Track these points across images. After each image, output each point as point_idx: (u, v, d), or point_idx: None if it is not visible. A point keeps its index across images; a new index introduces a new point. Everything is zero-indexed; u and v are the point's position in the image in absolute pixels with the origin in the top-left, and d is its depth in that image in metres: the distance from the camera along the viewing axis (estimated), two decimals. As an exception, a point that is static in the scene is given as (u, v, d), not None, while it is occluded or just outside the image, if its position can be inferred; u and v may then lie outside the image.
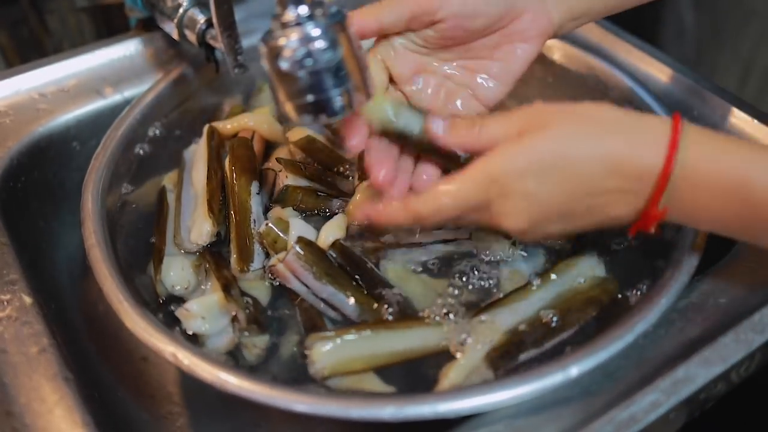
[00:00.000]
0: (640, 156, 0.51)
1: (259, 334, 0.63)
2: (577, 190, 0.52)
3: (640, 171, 0.51)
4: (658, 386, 0.54)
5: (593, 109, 0.53)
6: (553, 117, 0.53)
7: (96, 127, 0.81)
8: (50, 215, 0.79)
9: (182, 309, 0.60)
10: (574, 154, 0.52)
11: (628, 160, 0.51)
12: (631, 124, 0.53)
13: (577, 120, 0.53)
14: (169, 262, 0.67)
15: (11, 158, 0.76)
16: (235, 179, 0.71)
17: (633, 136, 0.52)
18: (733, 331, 0.58)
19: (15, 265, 0.65)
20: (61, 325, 0.63)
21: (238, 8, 0.88)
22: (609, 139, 0.52)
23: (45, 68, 0.84)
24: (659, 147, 0.51)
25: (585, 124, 0.53)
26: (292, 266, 0.62)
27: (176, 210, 0.71)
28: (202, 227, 0.67)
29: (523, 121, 0.54)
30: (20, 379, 0.56)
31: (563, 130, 0.52)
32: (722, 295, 0.61)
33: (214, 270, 0.65)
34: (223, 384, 0.53)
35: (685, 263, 0.61)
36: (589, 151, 0.52)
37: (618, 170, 0.51)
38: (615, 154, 0.51)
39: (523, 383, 0.54)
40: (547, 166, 0.52)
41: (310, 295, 0.63)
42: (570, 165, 0.52)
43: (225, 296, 0.61)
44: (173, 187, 0.76)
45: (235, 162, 0.72)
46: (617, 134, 0.52)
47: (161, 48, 0.89)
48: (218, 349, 0.62)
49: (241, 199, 0.69)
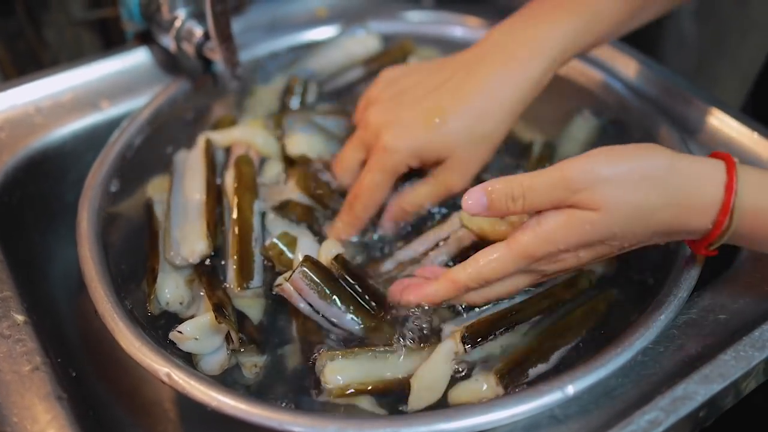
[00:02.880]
0: (688, 223, 0.54)
1: (256, 353, 0.62)
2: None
3: (690, 231, 0.55)
4: (657, 404, 0.54)
5: (644, 168, 0.53)
6: (602, 181, 0.53)
7: (92, 141, 0.81)
8: (45, 230, 0.78)
9: (175, 332, 0.60)
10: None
11: (677, 229, 0.54)
12: (682, 187, 0.53)
13: (628, 188, 0.53)
14: (163, 279, 0.66)
15: (6, 173, 0.75)
16: (239, 197, 0.70)
17: (683, 207, 0.53)
18: (733, 347, 0.57)
19: (8, 282, 0.65)
20: (56, 342, 0.62)
21: (236, 21, 0.88)
22: (658, 215, 0.53)
23: (41, 81, 0.83)
24: (710, 214, 0.53)
25: (635, 193, 0.53)
26: (298, 285, 0.62)
27: (166, 222, 0.70)
28: (195, 245, 0.67)
29: (570, 188, 0.53)
30: (12, 398, 0.56)
31: (615, 203, 0.53)
32: (722, 311, 0.61)
33: (206, 289, 0.64)
34: (219, 405, 0.53)
35: (685, 279, 0.60)
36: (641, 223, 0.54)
37: (668, 234, 0.55)
38: (665, 226, 0.54)
39: (521, 402, 0.53)
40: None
41: (315, 314, 0.62)
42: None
43: (216, 317, 0.60)
44: (160, 196, 0.75)
45: (239, 179, 0.72)
46: (667, 208, 0.53)
47: (158, 61, 0.89)
48: (213, 368, 0.61)
49: (243, 217, 0.69)
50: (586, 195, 0.53)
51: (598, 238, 0.54)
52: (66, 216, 0.74)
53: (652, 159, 0.53)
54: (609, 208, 0.53)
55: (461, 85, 0.68)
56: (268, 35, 0.94)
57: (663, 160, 0.53)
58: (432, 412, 0.56)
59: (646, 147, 0.54)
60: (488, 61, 0.68)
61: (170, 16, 0.81)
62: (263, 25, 0.96)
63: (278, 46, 0.93)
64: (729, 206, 0.52)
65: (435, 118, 0.67)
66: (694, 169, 0.53)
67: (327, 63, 0.92)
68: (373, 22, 0.96)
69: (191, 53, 0.82)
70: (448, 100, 0.67)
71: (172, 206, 0.72)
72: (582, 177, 0.53)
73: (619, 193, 0.52)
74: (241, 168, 0.73)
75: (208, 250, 0.67)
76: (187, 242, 0.68)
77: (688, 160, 0.54)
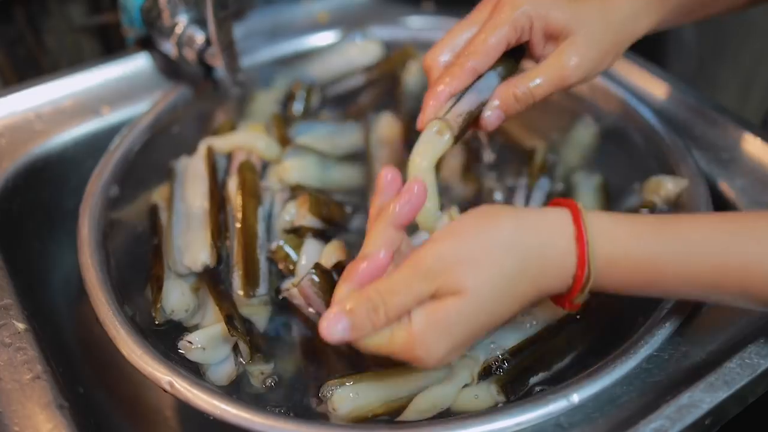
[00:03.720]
0: (550, 284, 0.53)
1: (263, 361, 0.62)
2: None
3: (554, 291, 0.53)
4: (662, 412, 0.53)
5: (493, 239, 0.51)
6: (457, 264, 0.50)
7: (93, 147, 0.81)
8: (46, 237, 0.78)
9: (185, 342, 0.60)
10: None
11: (542, 292, 0.53)
12: (534, 246, 0.51)
13: (484, 264, 0.50)
14: (169, 288, 0.66)
15: (6, 180, 0.75)
16: (243, 204, 0.70)
17: (541, 268, 0.52)
18: (738, 355, 0.57)
19: (9, 289, 0.64)
20: (56, 350, 0.62)
21: (237, 27, 0.88)
22: (520, 282, 0.51)
23: (41, 87, 0.83)
24: (567, 269, 0.52)
25: (491, 268, 0.50)
26: (305, 292, 0.62)
27: (168, 230, 0.70)
28: (198, 254, 0.67)
29: (427, 278, 0.49)
30: (13, 407, 0.55)
31: (475, 283, 0.50)
32: (727, 318, 0.61)
33: (214, 298, 0.64)
34: (222, 414, 0.53)
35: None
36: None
37: (535, 299, 0.53)
38: (530, 291, 0.52)
39: (526, 410, 0.53)
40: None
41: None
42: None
43: (228, 328, 0.60)
44: (164, 203, 0.74)
45: (243, 186, 0.71)
46: (526, 272, 0.51)
47: (159, 67, 0.88)
48: (221, 378, 0.61)
49: (248, 224, 0.69)
50: (443, 280, 0.49)
51: (468, 326, 0.51)
52: (66, 223, 0.74)
53: (497, 228, 0.51)
54: (471, 289, 0.49)
55: None
56: (269, 41, 0.94)
57: (508, 224, 0.51)
58: (436, 420, 0.56)
59: (488, 214, 0.52)
60: None
61: (171, 22, 0.81)
62: (264, 31, 0.96)
63: (279, 51, 0.93)
64: (584, 259, 0.51)
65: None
66: (542, 226, 0.52)
67: (327, 69, 0.92)
68: (374, 27, 0.96)
69: (192, 59, 0.82)
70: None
71: (173, 214, 0.71)
72: (434, 264, 0.49)
73: (476, 269, 0.50)
74: (244, 174, 0.73)
75: (211, 259, 0.67)
76: (190, 251, 0.67)
77: (533, 218, 0.52)
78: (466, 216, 0.52)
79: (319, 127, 0.82)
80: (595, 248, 0.51)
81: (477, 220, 0.52)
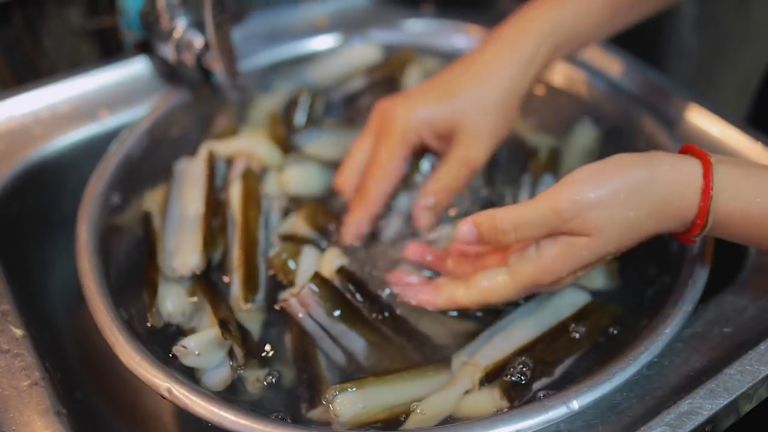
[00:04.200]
0: (670, 227, 0.56)
1: (258, 367, 0.62)
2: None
3: (672, 232, 0.57)
4: (663, 419, 0.53)
5: (628, 185, 0.55)
6: (591, 207, 0.54)
7: (91, 151, 0.80)
8: (44, 241, 0.78)
9: (179, 347, 0.59)
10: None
11: (661, 233, 0.57)
12: (665, 196, 0.55)
13: (616, 209, 0.55)
14: (164, 291, 0.65)
15: (4, 184, 0.75)
16: (245, 211, 0.70)
17: (667, 215, 0.55)
18: (738, 362, 0.57)
19: (6, 295, 0.64)
20: (54, 356, 0.62)
21: (236, 30, 0.88)
22: (645, 226, 0.56)
23: (39, 91, 0.83)
24: (689, 217, 0.55)
25: (622, 212, 0.55)
26: (306, 301, 0.62)
27: (161, 232, 0.70)
28: (188, 258, 0.66)
29: (561, 218, 0.55)
30: (11, 414, 0.55)
31: (606, 225, 0.55)
32: (727, 324, 0.61)
33: (210, 303, 0.64)
34: (220, 421, 0.53)
35: (689, 292, 0.60)
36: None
37: (652, 237, 0.57)
38: (650, 232, 0.57)
39: (526, 417, 0.53)
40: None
41: (319, 331, 0.62)
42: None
43: (222, 332, 0.60)
44: (157, 208, 0.74)
45: (247, 194, 0.71)
46: (652, 217, 0.55)
47: (158, 71, 0.88)
48: (216, 384, 0.60)
49: (250, 231, 0.69)
50: (578, 222, 0.55)
51: (595, 260, 0.57)
52: (65, 228, 0.73)
53: (633, 175, 0.55)
54: (602, 231, 0.55)
55: (465, 63, 0.72)
56: (268, 45, 0.93)
57: (644, 173, 0.55)
58: (437, 426, 0.56)
59: (625, 162, 0.56)
60: (487, 46, 0.72)
61: (170, 25, 0.81)
62: (263, 35, 0.96)
63: (279, 55, 0.93)
64: (706, 210, 0.54)
65: (443, 88, 0.70)
66: (673, 177, 0.55)
67: (327, 73, 0.92)
68: (373, 31, 0.96)
69: (191, 63, 0.81)
70: (455, 80, 0.71)
71: (168, 216, 0.71)
72: (571, 207, 0.54)
73: (608, 214, 0.54)
74: (248, 182, 0.72)
75: (201, 263, 0.66)
76: (181, 254, 0.67)
77: (667, 166, 0.55)
78: (604, 163, 0.56)
79: (324, 135, 0.82)
80: (718, 203, 0.54)
81: (615, 166, 0.56)
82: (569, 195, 0.54)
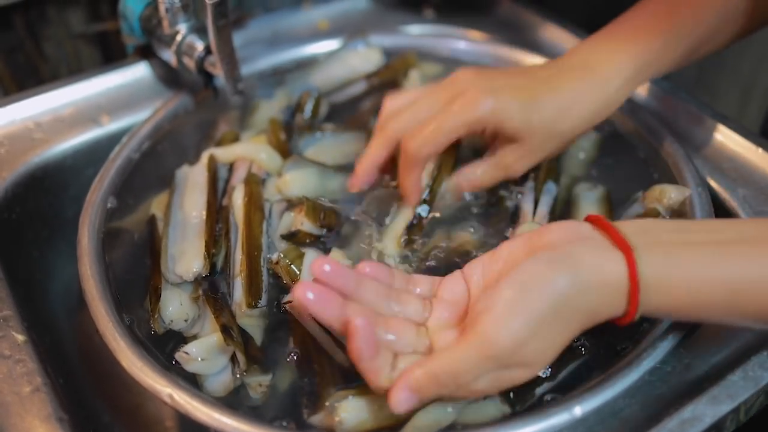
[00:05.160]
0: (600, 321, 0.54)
1: (260, 372, 0.61)
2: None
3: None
4: (665, 426, 0.53)
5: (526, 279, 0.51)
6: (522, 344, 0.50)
7: (93, 156, 0.81)
8: (45, 246, 0.78)
9: (182, 353, 0.59)
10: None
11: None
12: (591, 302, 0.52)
13: (546, 338, 0.51)
14: (167, 297, 0.65)
15: (6, 189, 0.75)
16: (248, 217, 0.70)
17: (594, 321, 0.53)
18: (741, 368, 0.56)
19: (8, 300, 0.64)
20: (56, 362, 0.62)
21: (237, 35, 0.88)
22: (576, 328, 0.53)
23: (41, 97, 0.83)
24: (618, 313, 0.53)
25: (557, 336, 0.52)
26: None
27: (164, 238, 0.70)
28: (191, 263, 0.66)
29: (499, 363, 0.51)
30: (12, 420, 0.55)
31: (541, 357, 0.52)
32: (730, 330, 0.60)
33: (212, 309, 0.64)
34: (222, 427, 0.53)
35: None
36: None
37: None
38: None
39: (528, 423, 0.53)
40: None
41: (320, 333, 0.62)
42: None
43: (225, 338, 0.60)
44: (162, 213, 0.74)
45: (250, 199, 0.71)
46: (578, 326, 0.53)
47: (159, 75, 0.88)
48: (218, 390, 0.61)
49: (254, 237, 0.68)
50: (515, 361, 0.51)
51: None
52: (66, 232, 0.73)
53: (557, 288, 0.50)
54: (536, 363, 0.52)
55: (553, 79, 0.69)
56: (269, 49, 0.94)
57: (566, 281, 0.50)
58: (440, 432, 0.56)
59: (543, 273, 0.51)
60: (575, 71, 0.70)
61: (171, 30, 0.81)
62: (264, 39, 0.96)
63: (280, 60, 0.93)
64: (635, 308, 0.52)
65: (527, 95, 0.67)
66: (600, 288, 0.52)
67: (328, 77, 0.92)
68: (374, 35, 0.96)
69: (192, 68, 0.81)
70: (541, 87, 0.68)
71: (170, 222, 0.71)
72: (507, 350, 0.50)
73: (543, 344, 0.51)
74: (251, 187, 0.72)
75: (204, 269, 0.66)
76: (184, 260, 0.67)
77: (593, 278, 0.51)
78: (521, 275, 0.52)
79: (325, 138, 0.82)
80: (646, 302, 0.52)
81: (536, 285, 0.51)
82: (502, 337, 0.50)
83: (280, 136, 0.81)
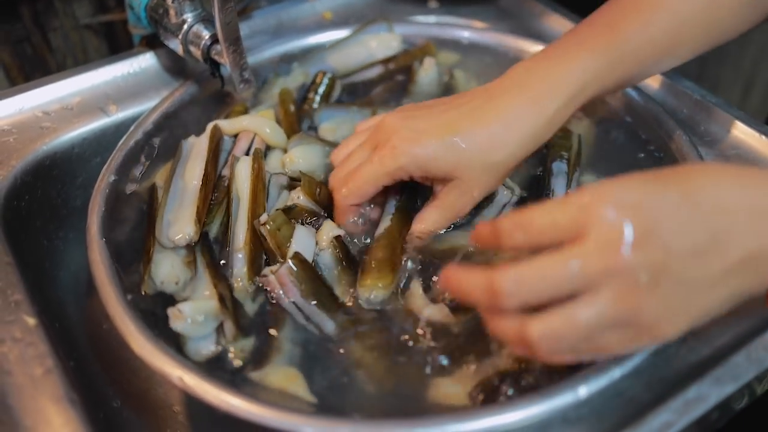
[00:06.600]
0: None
1: (243, 339, 0.63)
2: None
3: None
4: (669, 406, 0.53)
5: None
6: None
7: (100, 145, 0.81)
8: (54, 234, 0.78)
9: (175, 309, 0.60)
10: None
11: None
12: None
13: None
14: (159, 260, 0.67)
15: (15, 177, 0.75)
16: (253, 192, 0.71)
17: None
18: (745, 349, 0.57)
19: (19, 285, 0.65)
20: (67, 345, 0.62)
21: (243, 25, 0.88)
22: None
23: (49, 86, 0.84)
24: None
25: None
26: (282, 280, 0.63)
27: (162, 204, 0.71)
28: (184, 228, 0.68)
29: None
30: (25, 402, 0.56)
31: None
32: (734, 312, 0.60)
33: (211, 276, 0.65)
34: (231, 409, 0.53)
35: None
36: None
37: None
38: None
39: (532, 404, 0.53)
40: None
41: (293, 308, 0.64)
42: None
43: (221, 307, 0.62)
44: (163, 182, 0.75)
45: (256, 175, 0.72)
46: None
47: (166, 65, 0.89)
48: (199, 354, 0.62)
49: (257, 212, 0.70)
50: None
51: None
52: (74, 220, 0.74)
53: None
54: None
55: (480, 109, 0.66)
56: (274, 39, 0.94)
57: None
58: (444, 414, 0.56)
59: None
60: (507, 94, 0.67)
61: (178, 19, 0.81)
62: (270, 30, 0.97)
63: (285, 50, 0.93)
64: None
65: (451, 133, 0.65)
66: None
67: (346, 59, 0.93)
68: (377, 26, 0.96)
69: (199, 57, 0.82)
70: (466, 120, 0.66)
71: (170, 189, 0.72)
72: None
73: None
74: (259, 162, 0.73)
75: (195, 235, 0.68)
76: (177, 225, 0.68)
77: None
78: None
79: (339, 115, 0.83)
80: None
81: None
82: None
83: (289, 107, 0.82)
